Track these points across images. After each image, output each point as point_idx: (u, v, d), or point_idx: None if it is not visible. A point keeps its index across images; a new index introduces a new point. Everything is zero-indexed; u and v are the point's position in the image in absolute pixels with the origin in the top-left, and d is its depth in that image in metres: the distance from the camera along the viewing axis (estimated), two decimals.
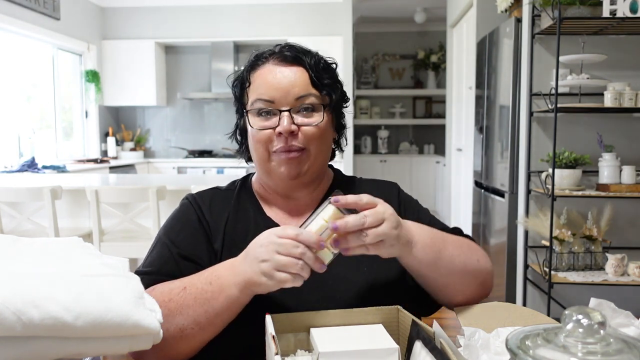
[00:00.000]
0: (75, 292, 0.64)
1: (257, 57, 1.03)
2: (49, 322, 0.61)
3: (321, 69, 1.01)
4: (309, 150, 0.98)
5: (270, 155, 0.99)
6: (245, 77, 1.02)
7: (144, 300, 0.70)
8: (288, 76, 0.98)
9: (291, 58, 0.99)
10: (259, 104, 0.98)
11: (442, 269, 0.92)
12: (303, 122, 0.97)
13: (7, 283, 0.62)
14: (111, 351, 0.67)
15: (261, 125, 0.98)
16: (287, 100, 0.96)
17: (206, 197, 1.07)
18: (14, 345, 0.61)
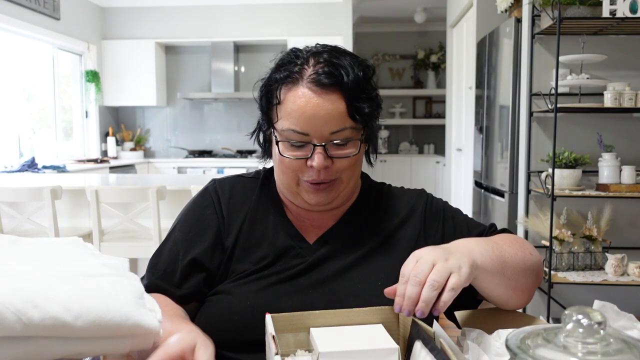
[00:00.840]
0: (75, 292, 0.64)
1: (289, 68, 0.92)
2: (49, 322, 0.61)
3: (360, 94, 0.91)
4: (340, 179, 0.94)
5: (299, 182, 0.94)
6: (275, 94, 0.93)
7: (144, 300, 0.70)
8: (324, 108, 0.88)
9: (329, 84, 0.89)
10: (291, 135, 0.90)
11: (509, 272, 0.88)
12: (337, 154, 0.91)
13: (7, 283, 0.62)
14: (111, 351, 0.67)
15: (292, 154, 0.91)
16: (321, 134, 0.89)
17: (227, 188, 1.03)
18: (14, 345, 0.61)
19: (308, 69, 0.91)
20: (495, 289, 0.88)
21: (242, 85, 6.45)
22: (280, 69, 0.93)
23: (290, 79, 0.91)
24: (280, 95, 0.92)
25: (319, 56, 0.92)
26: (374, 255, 0.97)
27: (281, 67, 0.94)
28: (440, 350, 0.68)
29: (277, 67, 0.95)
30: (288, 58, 0.94)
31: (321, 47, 0.95)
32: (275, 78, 0.93)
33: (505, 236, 0.97)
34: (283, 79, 0.92)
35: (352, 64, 0.92)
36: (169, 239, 1.01)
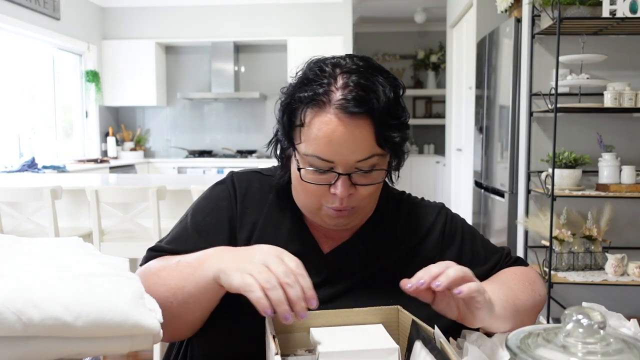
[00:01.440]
0: (75, 292, 0.64)
1: (315, 88, 0.85)
2: (49, 322, 0.61)
3: (390, 119, 0.85)
4: (362, 205, 0.91)
5: (321, 206, 0.90)
6: (299, 115, 0.86)
7: (144, 300, 0.70)
8: (352, 137, 0.83)
9: (359, 112, 0.82)
10: (314, 161, 0.85)
11: (519, 319, 0.88)
12: (361, 182, 0.87)
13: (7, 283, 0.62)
14: (111, 351, 0.67)
15: (314, 179, 0.87)
16: (347, 163, 0.84)
17: (244, 183, 1.00)
18: (14, 345, 0.61)
19: (336, 91, 0.84)
20: (506, 329, 0.88)
21: (242, 85, 6.45)
22: (305, 87, 0.86)
23: (316, 101, 0.84)
24: (305, 117, 0.85)
25: (348, 77, 0.84)
26: (388, 273, 0.95)
27: (305, 85, 0.86)
28: (440, 350, 0.68)
29: (301, 84, 0.87)
30: (312, 74, 0.87)
31: (350, 62, 0.87)
32: (300, 97, 0.86)
33: (520, 277, 0.97)
34: (308, 100, 0.84)
35: (383, 84, 0.85)
36: (179, 224, 0.99)
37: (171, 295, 0.80)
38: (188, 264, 0.82)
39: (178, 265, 0.83)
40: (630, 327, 0.79)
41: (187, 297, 0.80)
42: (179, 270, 0.82)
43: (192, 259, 0.82)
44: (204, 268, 0.79)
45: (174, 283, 0.81)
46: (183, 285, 0.80)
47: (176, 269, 0.83)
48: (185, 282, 0.80)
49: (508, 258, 1.04)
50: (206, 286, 0.78)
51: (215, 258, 0.79)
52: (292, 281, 0.71)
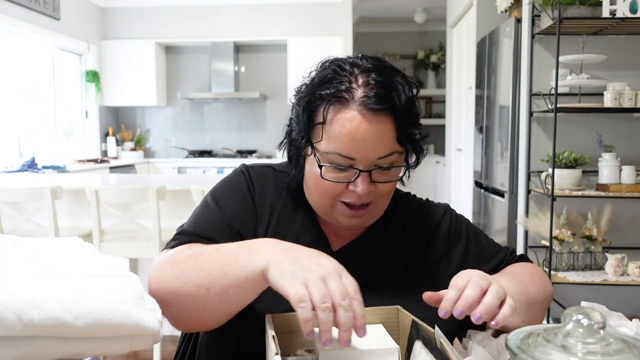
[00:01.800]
0: (75, 292, 0.64)
1: (337, 86, 0.85)
2: (49, 322, 0.61)
3: (410, 117, 0.87)
4: (376, 203, 0.91)
5: (335, 205, 0.91)
6: (321, 112, 0.86)
7: (144, 300, 0.70)
8: (375, 133, 0.84)
9: (382, 109, 0.84)
10: (335, 158, 0.86)
11: (531, 312, 0.90)
12: (380, 179, 0.88)
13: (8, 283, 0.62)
14: (111, 351, 0.67)
15: (334, 177, 0.87)
16: (368, 160, 0.85)
17: (259, 176, 1.00)
18: (14, 345, 0.61)
19: (358, 89, 0.85)
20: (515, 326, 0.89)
21: (242, 85, 6.45)
22: (326, 85, 0.87)
23: (339, 98, 0.85)
24: (327, 115, 0.85)
25: (368, 75, 0.86)
26: (397, 273, 0.97)
27: (326, 82, 0.87)
28: (440, 350, 0.68)
29: (321, 82, 0.88)
30: (331, 72, 0.88)
31: (367, 62, 0.88)
32: (321, 95, 0.86)
33: (528, 271, 0.98)
34: (330, 98, 0.85)
35: (402, 83, 0.87)
36: (203, 209, 0.96)
37: (209, 282, 0.75)
38: (231, 251, 0.77)
39: (218, 252, 0.79)
40: (632, 327, 0.79)
41: (228, 285, 0.75)
42: (221, 256, 0.77)
43: (235, 247, 0.78)
44: (251, 258, 0.73)
45: (213, 269, 0.76)
46: (225, 272, 0.75)
47: (217, 255, 0.78)
48: (229, 269, 0.75)
49: (512, 255, 1.06)
50: (251, 277, 0.73)
51: (266, 249, 0.74)
52: (347, 305, 0.65)
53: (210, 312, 0.79)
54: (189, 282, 0.77)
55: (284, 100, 6.18)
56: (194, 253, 0.81)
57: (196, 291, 0.76)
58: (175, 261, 0.82)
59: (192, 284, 0.77)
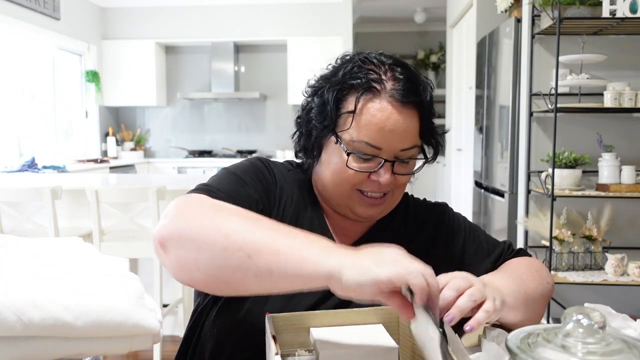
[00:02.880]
0: (75, 292, 0.64)
1: (367, 74, 0.88)
2: (49, 322, 0.61)
3: (432, 114, 0.93)
4: (392, 194, 0.94)
5: (352, 195, 0.92)
6: (352, 101, 0.88)
7: (144, 301, 0.70)
8: (403, 124, 0.88)
9: (410, 102, 0.88)
10: (362, 147, 0.88)
11: (530, 307, 0.91)
12: (400, 171, 0.91)
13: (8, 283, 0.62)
14: (111, 351, 0.67)
15: (358, 166, 0.89)
16: (392, 150, 0.89)
17: (277, 165, 1.00)
18: (14, 345, 0.61)
19: (387, 81, 0.88)
20: (517, 320, 0.90)
21: (242, 85, 6.45)
22: (356, 75, 0.89)
23: (370, 88, 0.87)
24: (358, 104, 0.88)
25: (394, 70, 0.89)
26: None
27: (356, 72, 0.89)
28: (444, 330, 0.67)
29: (352, 73, 0.90)
30: (360, 63, 0.90)
31: (390, 59, 0.91)
32: (352, 84, 0.89)
33: (526, 266, 0.99)
34: (362, 87, 0.88)
35: (424, 82, 0.92)
36: (226, 176, 0.94)
37: (254, 247, 0.68)
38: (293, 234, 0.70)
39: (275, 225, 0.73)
40: (636, 327, 0.79)
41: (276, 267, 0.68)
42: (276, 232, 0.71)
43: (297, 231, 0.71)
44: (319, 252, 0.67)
45: (261, 236, 0.69)
46: (279, 250, 0.68)
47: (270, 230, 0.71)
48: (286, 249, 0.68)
49: (510, 250, 1.09)
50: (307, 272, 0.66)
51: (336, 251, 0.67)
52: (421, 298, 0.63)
53: (235, 279, 0.71)
54: (231, 235, 0.70)
55: (284, 100, 6.18)
56: (246, 213, 0.76)
57: (233, 251, 0.69)
58: (220, 209, 0.76)
59: (235, 239, 0.69)
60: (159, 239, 0.75)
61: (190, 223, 0.73)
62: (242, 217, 0.74)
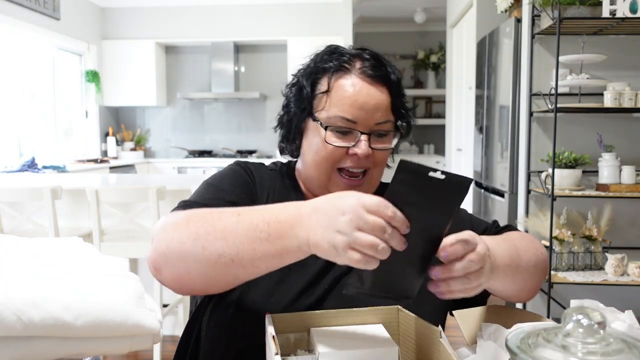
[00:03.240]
0: (75, 292, 0.64)
1: (338, 58, 0.97)
2: (49, 322, 0.61)
3: (402, 94, 1.01)
4: (371, 174, 0.98)
5: (332, 175, 0.97)
6: (325, 82, 0.96)
7: (144, 301, 0.70)
8: (374, 98, 0.95)
9: (379, 77, 0.96)
10: (339, 122, 0.94)
11: (519, 278, 0.90)
12: (377, 146, 0.96)
13: (8, 283, 0.62)
14: (111, 351, 0.67)
15: (336, 141, 0.94)
16: (367, 124, 0.95)
17: (253, 166, 1.04)
18: (14, 345, 0.61)
19: (356, 62, 0.97)
20: (507, 288, 0.89)
21: (242, 85, 6.45)
22: (327, 59, 0.98)
23: (341, 68, 0.96)
24: (331, 83, 0.95)
25: (362, 52, 0.99)
26: None
27: (329, 56, 0.98)
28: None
29: (323, 59, 0.99)
30: (330, 50, 1.00)
31: (359, 48, 1.00)
32: (324, 67, 0.97)
33: (519, 236, 0.99)
34: (334, 69, 0.96)
35: (391, 66, 1.00)
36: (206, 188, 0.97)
37: (234, 254, 0.74)
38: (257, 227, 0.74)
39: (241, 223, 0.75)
40: (625, 318, 0.79)
41: (259, 260, 0.74)
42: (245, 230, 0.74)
43: (258, 221, 0.74)
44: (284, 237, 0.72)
45: (239, 242, 0.74)
46: (254, 247, 0.73)
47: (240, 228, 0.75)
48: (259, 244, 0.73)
49: (496, 225, 1.10)
50: (289, 254, 0.73)
51: (292, 225, 0.71)
52: (391, 231, 0.65)
53: (226, 279, 0.78)
54: (208, 248, 0.75)
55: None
56: (210, 217, 0.78)
57: (217, 259, 0.75)
58: (190, 221, 0.79)
59: (211, 250, 0.75)
60: (151, 264, 0.80)
61: (170, 242, 0.78)
62: (212, 226, 0.77)
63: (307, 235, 0.69)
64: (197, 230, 0.77)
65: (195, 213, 0.81)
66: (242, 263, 0.74)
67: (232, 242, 0.74)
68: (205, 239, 0.75)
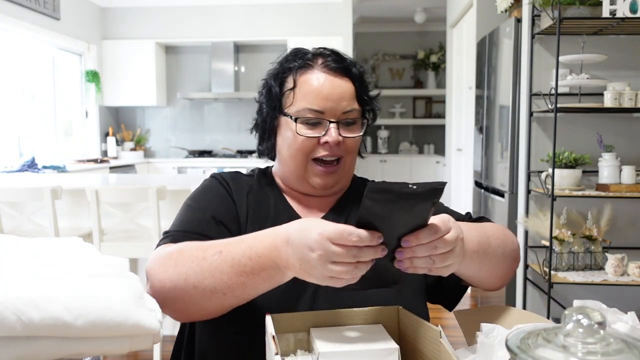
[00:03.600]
0: (75, 292, 0.64)
1: (301, 57, 1.04)
2: (49, 322, 0.61)
3: (365, 84, 1.06)
4: (344, 161, 1.03)
5: (308, 164, 1.02)
6: (291, 79, 1.03)
7: (144, 300, 0.70)
8: (338, 88, 1.01)
9: (340, 69, 1.02)
10: (308, 114, 1.00)
11: (487, 265, 0.93)
12: (346, 134, 1.01)
13: (8, 283, 0.62)
14: (111, 351, 0.67)
15: (307, 132, 1.00)
16: (335, 113, 1.00)
17: (228, 175, 1.10)
18: (14, 345, 0.61)
19: (319, 58, 1.04)
20: (476, 273, 0.94)
21: (242, 85, 6.45)
22: (293, 59, 1.04)
23: (305, 65, 1.02)
24: (297, 80, 1.02)
25: (324, 51, 1.06)
26: None
27: (292, 59, 1.04)
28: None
29: (287, 60, 1.05)
30: (295, 52, 1.06)
31: (321, 48, 1.07)
32: (289, 67, 1.03)
33: (492, 227, 1.02)
34: (298, 67, 1.02)
35: (352, 61, 1.06)
36: (186, 210, 1.02)
37: (225, 287, 0.80)
38: (240, 262, 0.80)
39: (224, 260, 0.81)
40: (628, 320, 0.79)
41: (251, 290, 0.81)
42: (230, 266, 0.80)
43: (240, 256, 0.80)
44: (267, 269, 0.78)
45: (228, 279, 0.80)
46: (244, 281, 0.80)
47: (225, 265, 0.80)
48: (247, 278, 0.79)
49: (469, 216, 1.13)
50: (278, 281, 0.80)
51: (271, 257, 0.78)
52: (359, 254, 0.70)
53: (224, 307, 0.84)
54: (199, 287, 0.81)
55: None
56: (196, 257, 0.83)
57: (210, 295, 0.81)
58: (178, 261, 0.84)
59: (204, 287, 0.81)
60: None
61: (164, 283, 0.84)
62: (199, 265, 0.82)
63: (287, 266, 0.76)
64: (186, 271, 0.82)
65: (181, 252, 0.85)
66: (234, 294, 0.81)
67: (221, 278, 0.81)
68: (196, 278, 0.81)
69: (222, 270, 0.81)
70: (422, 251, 0.74)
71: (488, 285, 1.01)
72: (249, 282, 0.80)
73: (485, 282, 0.99)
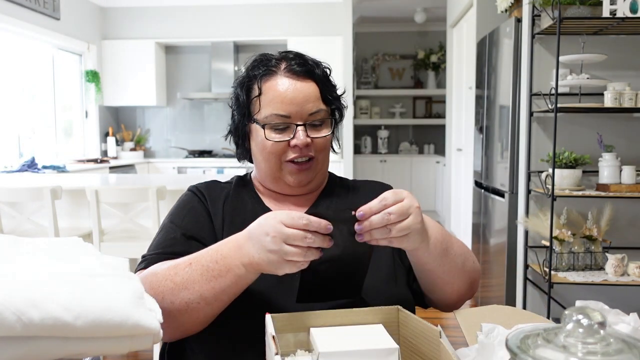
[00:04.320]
0: (75, 292, 0.64)
1: (266, 64, 1.05)
2: (49, 322, 0.61)
3: (329, 84, 1.07)
4: (317, 159, 1.05)
5: (282, 165, 1.04)
6: (256, 87, 1.04)
7: (144, 300, 0.70)
8: (302, 91, 1.02)
9: (303, 72, 1.03)
10: (275, 119, 1.02)
11: (447, 265, 0.95)
12: (314, 135, 1.04)
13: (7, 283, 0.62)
14: (111, 351, 0.67)
15: (277, 138, 1.02)
16: (301, 116, 1.02)
17: (204, 185, 1.13)
18: (14, 345, 0.61)
19: (282, 63, 1.05)
20: (437, 269, 0.95)
21: None
22: (257, 66, 1.06)
23: (268, 71, 1.04)
24: (262, 87, 1.03)
25: (287, 54, 1.07)
26: None
27: (257, 65, 1.06)
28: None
29: (253, 67, 1.07)
30: (259, 58, 1.08)
31: (285, 52, 1.09)
32: (254, 75, 1.05)
33: (459, 241, 1.05)
34: (262, 74, 1.04)
35: (317, 62, 1.08)
36: (161, 232, 1.05)
37: (198, 297, 0.85)
38: (208, 267, 0.85)
39: (195, 270, 0.86)
40: (630, 321, 0.79)
41: (220, 294, 0.85)
42: (200, 274, 0.85)
43: (208, 262, 0.86)
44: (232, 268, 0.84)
45: (199, 287, 0.85)
46: (212, 286, 0.85)
47: (195, 274, 0.85)
48: (215, 282, 0.84)
49: None
50: (242, 280, 0.84)
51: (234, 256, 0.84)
52: (310, 237, 0.77)
53: (199, 320, 0.88)
54: (175, 302, 0.85)
55: None
56: (168, 274, 0.88)
57: (186, 307, 0.85)
58: (152, 283, 0.88)
59: (179, 302, 0.85)
60: None
61: None
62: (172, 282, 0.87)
63: (249, 261, 0.82)
64: (162, 290, 0.86)
65: (154, 274, 0.90)
66: (207, 301, 0.85)
67: (193, 288, 0.85)
68: (171, 294, 0.85)
69: (194, 280, 0.85)
70: (378, 220, 0.79)
71: (446, 296, 1.01)
72: (218, 286, 0.84)
73: (444, 289, 1.00)
